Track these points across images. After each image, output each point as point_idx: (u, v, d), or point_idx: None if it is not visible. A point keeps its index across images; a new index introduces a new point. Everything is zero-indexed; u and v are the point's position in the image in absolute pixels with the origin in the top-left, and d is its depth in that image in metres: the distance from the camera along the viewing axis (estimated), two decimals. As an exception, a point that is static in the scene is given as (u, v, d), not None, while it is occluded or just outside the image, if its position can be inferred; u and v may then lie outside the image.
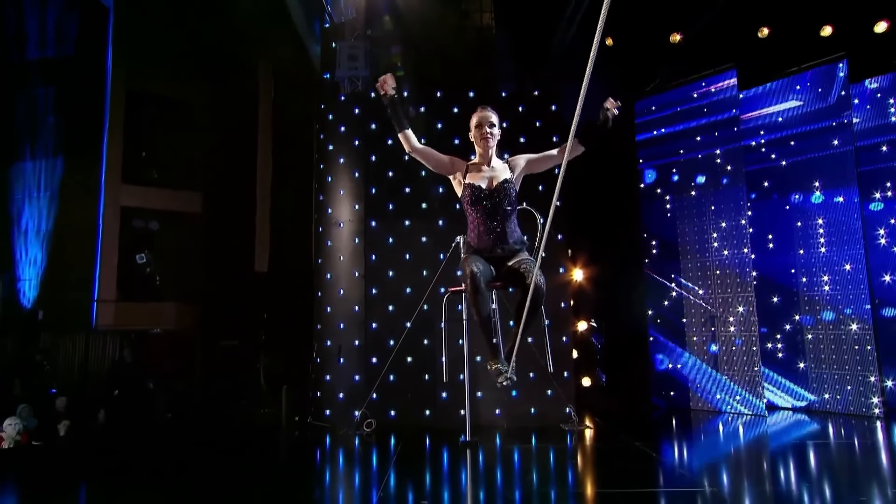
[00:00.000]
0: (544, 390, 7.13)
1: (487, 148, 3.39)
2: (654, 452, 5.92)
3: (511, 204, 3.34)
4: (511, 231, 3.34)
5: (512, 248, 3.29)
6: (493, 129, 3.39)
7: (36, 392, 8.46)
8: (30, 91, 11.27)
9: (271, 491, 4.84)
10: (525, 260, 3.17)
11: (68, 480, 5.50)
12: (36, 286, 9.93)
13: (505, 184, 3.33)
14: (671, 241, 8.35)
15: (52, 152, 10.63)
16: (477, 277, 3.02)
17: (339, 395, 7.25)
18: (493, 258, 3.28)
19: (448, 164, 3.43)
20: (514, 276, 3.11)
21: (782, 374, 7.83)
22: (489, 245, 3.29)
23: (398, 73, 7.72)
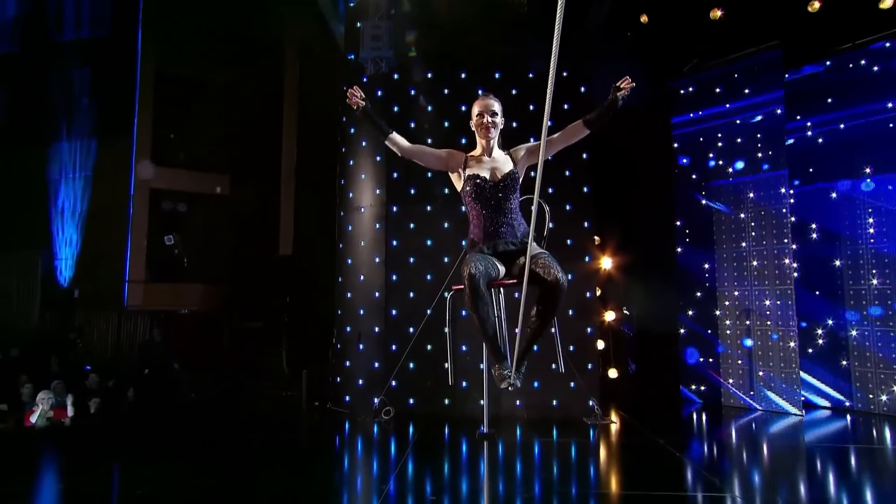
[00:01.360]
0: (567, 382, 6.93)
1: (489, 138, 3.19)
2: (679, 451, 5.67)
3: (516, 196, 3.17)
4: (518, 224, 3.14)
5: (521, 242, 3.09)
6: (495, 119, 3.20)
7: (71, 369, 8.75)
8: (66, 72, 11.49)
9: (288, 474, 4.86)
10: (542, 255, 2.94)
11: (98, 456, 5.65)
12: (72, 266, 10.23)
13: (510, 175, 3.13)
14: (706, 229, 7.96)
15: (87, 133, 10.84)
16: (475, 279, 2.81)
17: (359, 382, 7.22)
18: (500, 254, 3.08)
19: (445, 157, 3.23)
20: (532, 275, 2.89)
21: (822, 371, 7.43)
22: (495, 241, 3.09)
23: (411, 53, 7.50)
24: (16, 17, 12.17)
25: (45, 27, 11.88)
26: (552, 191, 7.24)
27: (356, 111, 3.06)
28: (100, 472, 5.03)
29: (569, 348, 6.93)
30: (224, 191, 10.17)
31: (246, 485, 4.61)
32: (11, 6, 12.26)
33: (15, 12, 12.19)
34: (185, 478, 4.83)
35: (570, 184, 7.25)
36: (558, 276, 2.77)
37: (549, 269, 2.81)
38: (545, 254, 2.97)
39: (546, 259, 2.88)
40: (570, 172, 7.27)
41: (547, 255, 2.96)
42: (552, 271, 2.79)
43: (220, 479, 4.79)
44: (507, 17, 7.61)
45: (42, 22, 11.87)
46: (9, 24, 12.19)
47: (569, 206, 7.21)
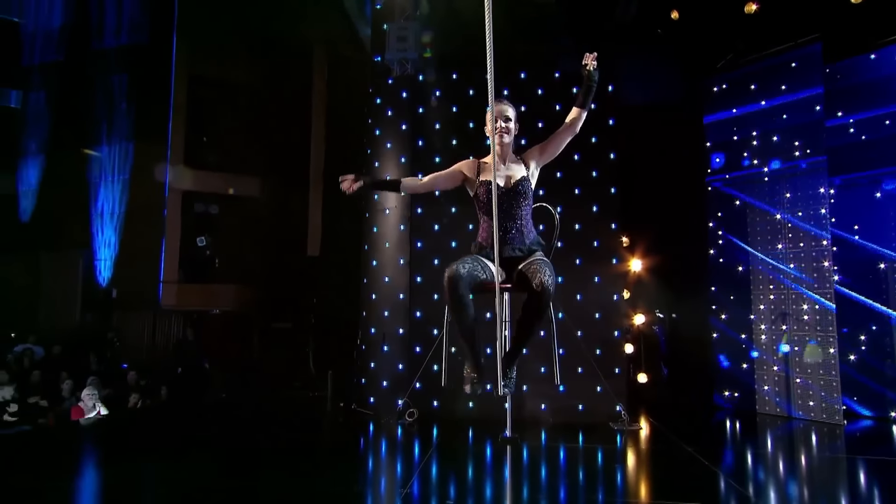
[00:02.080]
0: (593, 386, 6.80)
1: (503, 144, 3.13)
2: (709, 460, 5.47)
3: (528, 203, 3.10)
4: (527, 232, 3.08)
5: (529, 249, 3.03)
6: (508, 124, 3.13)
7: (108, 366, 9.04)
8: (107, 78, 11.88)
9: (311, 474, 4.95)
10: (535, 261, 2.88)
11: (134, 450, 5.86)
12: (110, 266, 10.58)
13: (522, 182, 3.07)
14: (740, 230, 7.70)
15: (125, 137, 11.20)
16: (454, 280, 2.72)
17: (383, 383, 7.23)
18: (505, 260, 3.03)
19: (458, 173, 3.19)
20: (522, 278, 2.84)
21: (865, 379, 7.10)
22: (501, 246, 3.03)
23: (426, 54, 7.47)
24: (61, 27, 12.65)
25: (88, 35, 12.31)
26: (578, 192, 7.13)
27: (359, 189, 3.00)
28: (133, 467, 5.19)
29: (595, 352, 6.81)
30: (253, 193, 10.35)
31: (270, 483, 4.67)
32: (58, 16, 12.74)
33: (61, 22, 12.68)
34: (211, 474, 4.93)
35: (596, 184, 7.12)
36: (543, 281, 2.68)
37: (537, 273, 2.73)
38: (540, 260, 2.91)
39: (538, 265, 2.82)
40: (597, 173, 7.14)
41: (542, 261, 2.89)
42: (539, 276, 2.71)
43: (246, 476, 4.87)
44: (534, 16, 7.52)
45: (85, 30, 12.30)
46: (55, 34, 12.68)
47: (595, 207, 7.08)
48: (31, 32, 12.59)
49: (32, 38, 12.58)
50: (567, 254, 7.03)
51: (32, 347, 9.11)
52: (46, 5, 12.66)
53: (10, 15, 12.51)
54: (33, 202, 11.63)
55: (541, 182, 6.98)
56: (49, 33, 12.61)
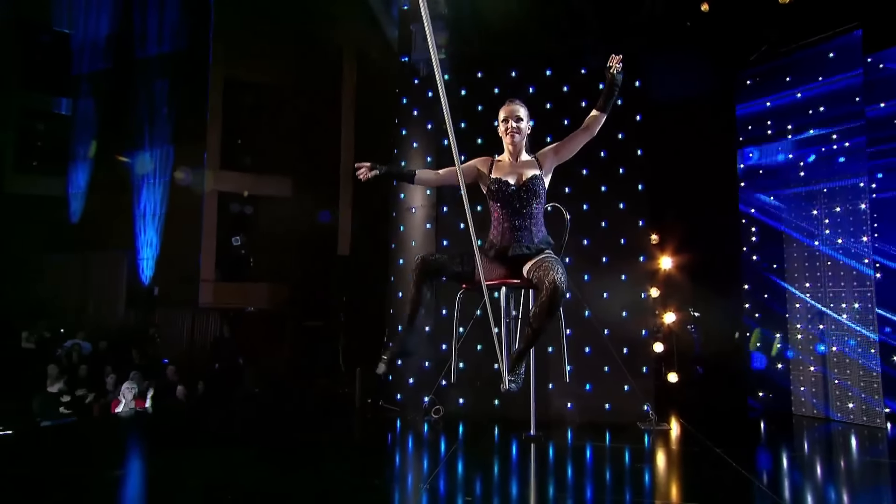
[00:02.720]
0: (620, 385, 6.73)
1: (514, 143, 3.16)
2: (739, 463, 5.33)
3: (539, 202, 3.11)
4: (537, 230, 3.09)
5: (537, 248, 3.04)
6: (519, 124, 3.15)
7: (150, 362, 9.43)
8: (149, 84, 12.37)
9: (339, 468, 5.06)
10: (546, 259, 2.90)
11: (172, 441, 6.14)
12: (152, 265, 11.04)
13: (534, 180, 3.09)
14: (774, 227, 7.48)
15: (166, 141, 11.66)
16: (423, 263, 2.90)
17: (410, 381, 7.33)
18: (513, 258, 3.06)
19: (473, 168, 3.23)
20: (532, 276, 2.86)
21: (908, 380, 6.81)
22: (508, 243, 3.06)
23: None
24: (108, 36, 13.23)
25: (132, 44, 12.85)
26: (605, 189, 7.06)
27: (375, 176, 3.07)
28: (169, 458, 5.42)
29: (622, 351, 6.74)
30: (286, 193, 10.61)
31: (298, 476, 4.80)
32: (104, 26, 13.34)
33: (107, 32, 13.26)
34: (242, 466, 5.09)
35: (624, 181, 7.03)
36: (556, 279, 2.69)
37: (549, 271, 2.75)
38: (551, 258, 2.92)
39: (549, 262, 2.84)
40: (624, 170, 7.05)
41: (553, 259, 2.90)
42: (551, 273, 2.73)
43: (276, 469, 5.01)
44: (560, 13, 7.47)
45: (129, 39, 12.84)
46: (102, 43, 13.27)
47: (622, 204, 6.99)
48: (80, 42, 13.21)
49: (81, 48, 13.20)
50: (593, 251, 6.99)
51: (80, 343, 9.58)
52: (94, 16, 13.26)
53: (62, 27, 13.17)
54: (82, 204, 12.22)
55: (567, 180, 7.04)
56: (96, 43, 13.21)
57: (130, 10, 12.90)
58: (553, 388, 6.91)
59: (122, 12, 12.97)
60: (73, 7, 13.13)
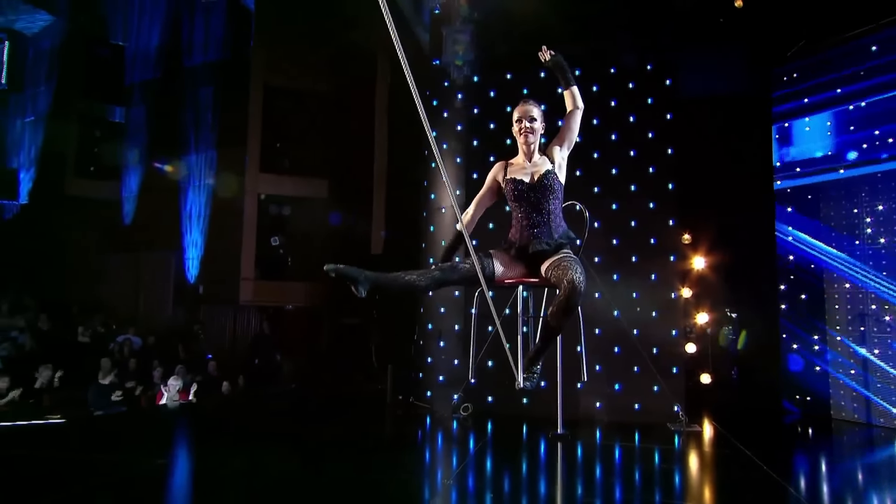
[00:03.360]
0: (650, 385, 6.69)
1: (528, 143, 3.20)
2: (768, 465, 5.23)
3: (556, 197, 3.13)
4: (556, 226, 3.11)
5: (557, 244, 3.07)
6: (533, 124, 3.18)
7: (194, 357, 9.87)
8: (195, 91, 12.95)
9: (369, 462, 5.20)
10: (565, 258, 2.93)
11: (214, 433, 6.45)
12: (197, 265, 11.55)
13: (547, 175, 3.12)
14: (813, 226, 7.27)
15: (210, 146, 12.18)
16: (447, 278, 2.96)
17: (440, 378, 7.45)
18: (532, 255, 3.10)
19: (494, 182, 3.26)
20: (550, 275, 2.90)
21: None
22: (528, 241, 3.10)
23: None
24: (158, 47, 13.90)
25: (180, 54, 13.47)
26: (634, 188, 7.02)
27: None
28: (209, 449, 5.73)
29: (651, 351, 6.69)
30: (322, 194, 10.92)
31: (329, 468, 4.98)
32: (155, 38, 14.02)
33: (158, 43, 13.94)
34: (276, 457, 5.30)
35: (653, 180, 6.98)
36: (574, 278, 2.69)
37: (567, 270, 2.76)
38: (570, 257, 2.94)
39: (567, 261, 2.86)
40: (654, 169, 7.00)
41: (572, 258, 2.93)
42: (569, 273, 2.74)
43: (308, 460, 5.22)
44: (590, 13, 7.47)
45: (177, 50, 13.47)
46: (152, 54, 13.96)
47: (652, 203, 6.94)
48: (133, 54, 13.93)
49: (134, 59, 13.92)
50: (622, 251, 6.96)
51: (131, 338, 10.09)
52: (147, 29, 13.96)
53: (118, 39, 13.92)
54: (134, 207, 12.88)
55: (596, 179, 7.03)
56: (147, 54, 13.90)
57: (179, 21, 13.53)
58: (582, 388, 6.92)
59: (172, 24, 13.62)
60: (128, 21, 13.86)
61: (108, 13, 13.60)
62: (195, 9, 13.02)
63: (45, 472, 4.75)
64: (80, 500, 4.12)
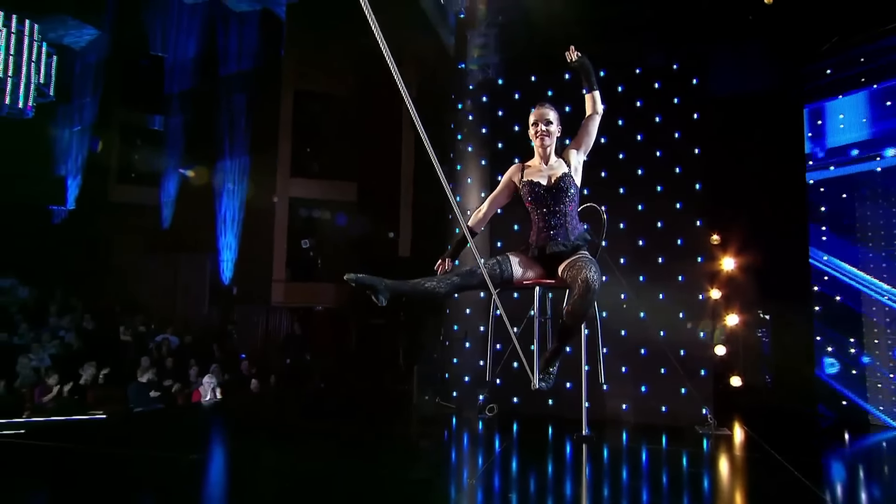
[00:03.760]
0: (677, 388, 6.60)
1: (545, 146, 3.25)
2: (800, 471, 5.09)
3: (572, 200, 3.17)
4: (572, 228, 3.15)
5: (574, 245, 3.11)
6: (549, 127, 3.24)
7: (228, 356, 10.17)
8: (229, 99, 13.37)
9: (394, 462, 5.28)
10: (580, 259, 2.97)
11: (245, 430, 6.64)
12: (231, 267, 11.91)
13: (564, 178, 3.17)
14: (847, 226, 7.08)
15: (243, 151, 12.55)
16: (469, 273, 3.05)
17: (465, 379, 7.50)
18: (550, 256, 3.15)
19: (510, 183, 3.34)
20: (566, 276, 2.95)
21: None
22: (545, 242, 3.15)
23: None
24: (195, 57, 14.42)
25: (216, 63, 13.94)
26: (661, 189, 6.96)
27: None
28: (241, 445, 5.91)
29: (678, 352, 6.61)
30: (351, 198, 11.13)
31: (355, 466, 5.05)
32: (192, 48, 14.54)
33: (194, 53, 14.45)
34: (304, 454, 5.43)
35: (680, 181, 6.89)
36: (588, 278, 2.74)
37: (582, 270, 2.81)
38: (586, 258, 2.97)
39: (583, 262, 2.90)
40: (680, 169, 6.92)
41: (587, 258, 2.96)
42: (583, 272, 2.78)
43: (334, 458, 5.31)
44: (615, 13, 7.44)
45: (213, 59, 13.94)
46: (189, 64, 14.48)
47: (679, 204, 6.86)
48: (171, 64, 14.47)
49: (172, 70, 14.46)
50: (649, 252, 6.90)
51: (169, 337, 10.47)
52: (184, 40, 14.50)
53: (157, 51, 14.50)
54: (172, 211, 13.37)
55: (622, 180, 7.00)
56: (185, 64, 14.43)
57: (215, 32, 14.01)
58: (608, 389, 6.88)
59: (208, 35, 14.11)
60: (166, 33, 14.41)
61: (149, 26, 14.17)
62: (229, 20, 13.45)
63: (85, 465, 4.98)
64: (115, 493, 4.29)
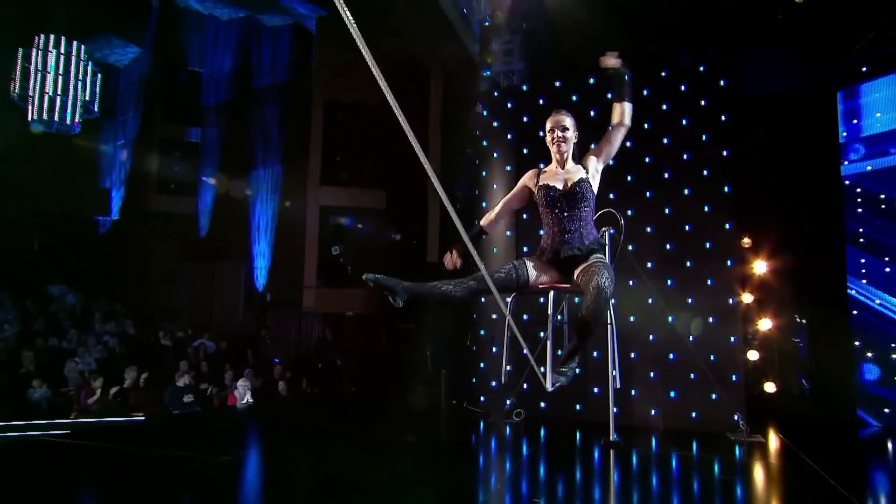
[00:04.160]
0: (707, 393, 6.49)
1: (561, 152, 3.28)
2: (837, 480, 4.90)
3: (588, 205, 3.18)
4: (587, 233, 3.15)
5: (589, 249, 3.14)
6: (565, 134, 3.25)
7: (262, 361, 10.42)
8: (262, 111, 13.76)
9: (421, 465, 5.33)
10: (594, 263, 2.98)
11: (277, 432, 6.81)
12: (265, 274, 12.21)
13: (580, 183, 3.17)
14: (886, 226, 6.86)
15: (276, 161, 12.88)
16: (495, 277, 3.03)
17: (493, 384, 7.53)
18: (564, 260, 3.17)
19: (525, 187, 3.36)
20: (580, 280, 2.97)
21: None
22: (559, 246, 3.17)
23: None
24: (230, 72, 14.89)
25: (249, 77, 14.37)
26: (688, 192, 6.88)
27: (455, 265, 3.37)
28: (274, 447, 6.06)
29: (708, 358, 6.51)
30: (380, 205, 11.31)
31: (382, 468, 5.13)
32: (228, 63, 15.02)
33: (229, 67, 14.93)
34: (334, 456, 5.52)
35: (708, 183, 6.81)
36: (599, 283, 2.76)
37: (595, 276, 2.82)
38: (599, 262, 2.99)
39: (596, 266, 2.91)
40: (708, 172, 6.83)
41: (601, 263, 2.97)
42: (595, 278, 2.80)
43: (363, 460, 5.40)
44: (640, 15, 7.41)
45: (247, 73, 14.38)
46: (224, 78, 14.96)
47: (707, 207, 6.77)
48: (207, 78, 14.98)
49: (208, 84, 14.97)
50: (676, 256, 6.83)
51: (206, 342, 10.78)
52: (220, 55, 15.00)
53: (195, 66, 15.04)
54: (209, 220, 13.81)
55: (648, 184, 6.94)
56: (220, 78, 14.92)
57: (249, 46, 14.46)
58: (636, 394, 6.82)
59: (242, 50, 14.57)
60: (203, 49, 14.94)
61: (186, 43, 14.71)
62: (262, 34, 13.86)
63: (123, 464, 5.19)
64: (153, 490, 4.47)
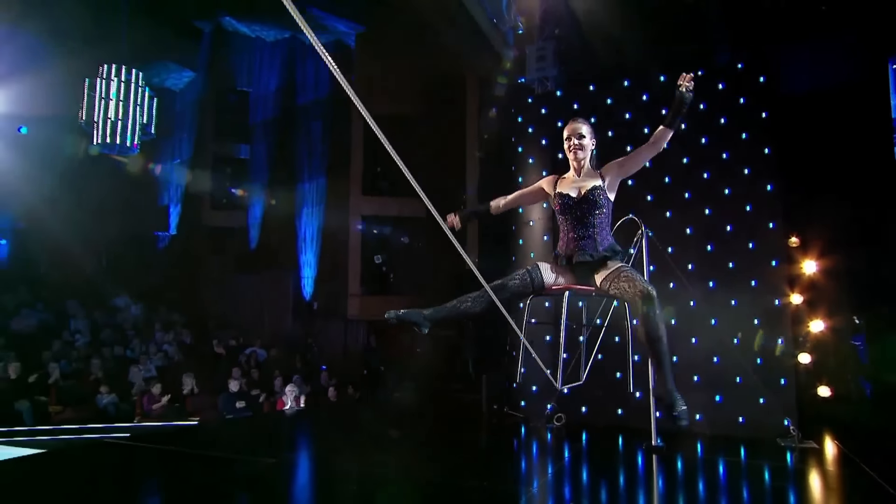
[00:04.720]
0: (755, 398, 6.30)
1: (578, 159, 3.33)
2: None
3: (602, 212, 3.21)
4: (601, 240, 3.19)
5: (601, 255, 3.15)
6: (582, 141, 3.30)
7: (309, 368, 10.76)
8: (308, 126, 14.25)
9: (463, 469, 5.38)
10: (622, 270, 2.99)
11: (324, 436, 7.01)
12: (312, 283, 12.61)
13: (594, 191, 3.21)
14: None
15: (320, 174, 13.31)
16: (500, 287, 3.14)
17: (533, 388, 7.54)
18: (577, 265, 3.22)
19: (540, 189, 3.45)
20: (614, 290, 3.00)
21: None
22: (573, 252, 3.22)
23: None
24: (276, 90, 15.50)
25: (294, 94, 14.92)
26: (729, 191, 6.74)
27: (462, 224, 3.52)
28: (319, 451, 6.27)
29: (755, 361, 6.33)
30: (420, 214, 11.51)
31: (425, 473, 5.21)
32: (273, 82, 15.65)
33: (275, 86, 15.55)
34: (377, 460, 5.62)
35: (750, 182, 6.65)
36: (642, 288, 2.80)
37: (633, 283, 2.87)
38: (627, 269, 3.01)
39: (627, 273, 2.95)
40: (749, 170, 6.67)
41: (627, 269, 3.00)
42: (636, 284, 2.85)
43: (406, 464, 5.48)
44: (677, 13, 7.33)
45: (292, 90, 14.94)
46: (271, 96, 15.59)
47: (749, 206, 6.61)
48: (255, 98, 15.64)
49: (255, 102, 15.63)
50: (718, 257, 6.69)
51: (257, 350, 11.22)
52: (266, 74, 15.64)
53: (244, 86, 15.75)
54: (258, 232, 14.38)
55: (686, 185, 6.84)
56: (267, 96, 15.54)
57: (293, 65, 15.02)
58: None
59: (287, 69, 15.15)
60: (251, 69, 15.63)
61: (235, 65, 15.43)
62: (306, 53, 14.38)
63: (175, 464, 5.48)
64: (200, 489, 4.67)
